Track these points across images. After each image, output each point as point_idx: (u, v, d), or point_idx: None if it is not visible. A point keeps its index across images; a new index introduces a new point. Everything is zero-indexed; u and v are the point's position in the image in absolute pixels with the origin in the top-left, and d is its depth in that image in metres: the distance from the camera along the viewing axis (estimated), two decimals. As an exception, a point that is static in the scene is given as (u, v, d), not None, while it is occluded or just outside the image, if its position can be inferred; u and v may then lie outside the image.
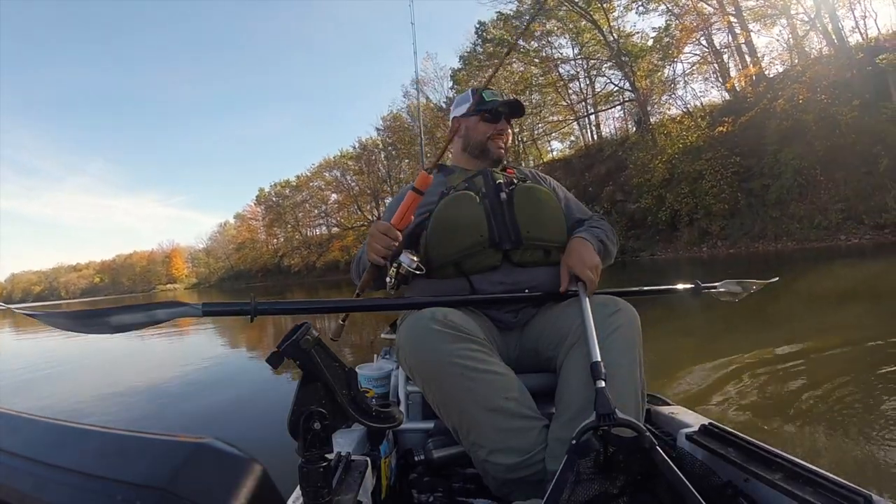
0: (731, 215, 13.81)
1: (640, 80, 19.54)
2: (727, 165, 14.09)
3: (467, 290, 1.08)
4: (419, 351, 0.89)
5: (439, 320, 0.89)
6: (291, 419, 0.61)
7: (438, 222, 1.12)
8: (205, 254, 71.66)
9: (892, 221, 10.02)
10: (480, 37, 24.98)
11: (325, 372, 0.64)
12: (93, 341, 6.06)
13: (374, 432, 0.91)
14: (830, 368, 2.35)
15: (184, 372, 4.00)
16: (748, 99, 15.69)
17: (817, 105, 12.62)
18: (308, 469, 0.59)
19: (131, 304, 0.85)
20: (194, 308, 0.86)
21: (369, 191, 40.20)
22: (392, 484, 0.95)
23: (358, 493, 0.70)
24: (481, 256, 1.09)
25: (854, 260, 7.87)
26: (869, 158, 11.15)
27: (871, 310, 3.90)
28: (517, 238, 1.09)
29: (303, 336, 0.63)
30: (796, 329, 3.30)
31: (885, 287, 5.10)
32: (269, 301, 0.94)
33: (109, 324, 0.81)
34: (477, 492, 0.90)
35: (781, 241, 12.02)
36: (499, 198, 1.13)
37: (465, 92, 1.32)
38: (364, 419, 0.67)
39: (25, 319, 4.70)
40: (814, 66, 14.20)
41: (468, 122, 1.27)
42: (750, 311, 3.78)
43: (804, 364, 2.49)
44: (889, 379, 2.09)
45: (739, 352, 2.76)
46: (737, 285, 1.30)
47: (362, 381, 1.20)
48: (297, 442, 0.61)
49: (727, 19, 17.18)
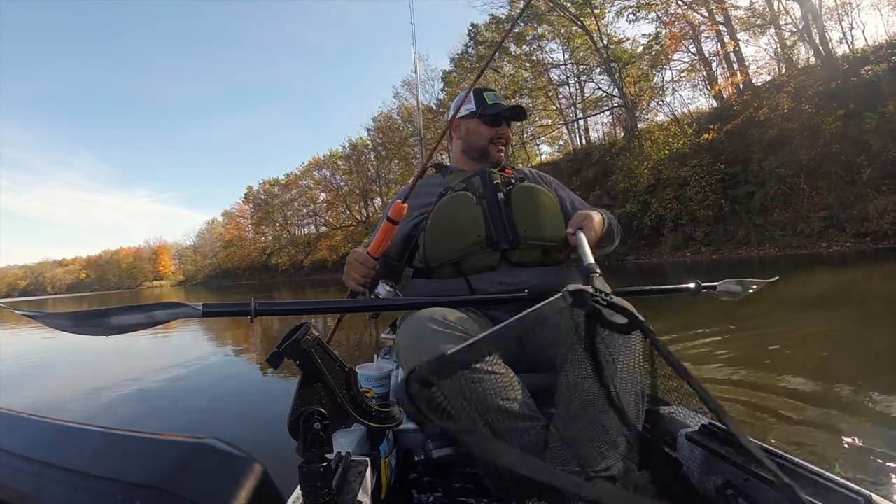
0: (715, 221, 14.06)
1: (629, 86, 19.78)
2: (712, 172, 14.34)
3: (466, 290, 1.08)
4: (419, 351, 0.89)
5: (438, 320, 0.89)
6: (291, 419, 0.61)
7: (436, 223, 1.12)
8: (192, 251, 71.22)
9: (873, 230, 10.26)
10: (473, 39, 25.08)
11: (325, 372, 0.64)
12: (84, 339, 5.94)
13: (374, 432, 0.91)
14: (809, 368, 2.41)
15: (182, 371, 3.93)
16: (734, 107, 15.97)
17: (802, 114, 12.93)
18: (308, 469, 0.59)
19: (131, 305, 0.84)
20: (194, 309, 0.86)
21: (358, 191, 40.09)
22: (392, 484, 0.94)
23: (358, 493, 0.69)
24: (479, 256, 1.09)
25: (835, 266, 8.05)
26: (852, 168, 11.43)
27: (854, 312, 4.00)
28: (515, 238, 1.09)
29: (303, 336, 0.63)
30: (776, 330, 3.37)
31: (863, 292, 5.24)
32: (269, 302, 0.94)
33: (109, 325, 0.81)
34: (477, 492, 0.89)
35: (764, 248, 12.25)
36: (496, 198, 1.14)
37: (467, 92, 1.31)
38: (364, 419, 0.67)
39: (9, 314, 4.60)
40: (799, 76, 14.53)
41: (469, 124, 1.27)
42: (726, 313, 3.86)
43: (783, 362, 2.55)
44: (868, 377, 2.16)
45: (722, 350, 2.82)
46: (736, 285, 1.31)
47: (362, 381, 1.20)
48: (297, 442, 0.60)
49: (716, 28, 17.48)
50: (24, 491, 0.36)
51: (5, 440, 0.40)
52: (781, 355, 2.74)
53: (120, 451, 0.43)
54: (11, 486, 0.36)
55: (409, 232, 1.20)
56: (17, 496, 0.36)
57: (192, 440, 0.50)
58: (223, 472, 0.47)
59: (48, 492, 0.36)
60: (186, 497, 0.41)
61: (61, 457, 0.39)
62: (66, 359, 5.35)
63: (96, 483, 0.38)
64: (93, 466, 0.39)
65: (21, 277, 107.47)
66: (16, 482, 0.37)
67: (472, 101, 1.27)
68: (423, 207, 1.18)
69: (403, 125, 32.85)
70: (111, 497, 0.37)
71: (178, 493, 0.40)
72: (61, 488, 0.37)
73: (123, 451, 0.43)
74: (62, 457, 0.39)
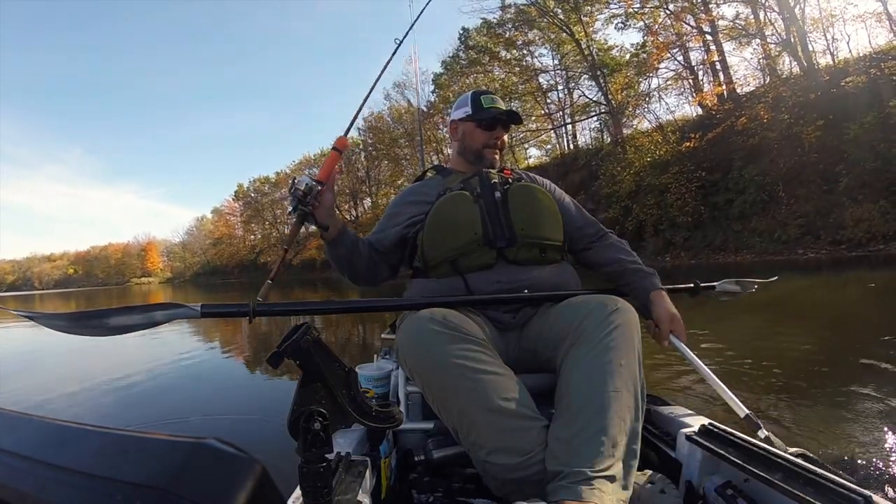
0: (694, 227, 14.37)
1: (615, 93, 20.07)
2: (692, 179, 14.64)
3: (463, 288, 1.08)
4: (418, 351, 0.88)
5: (438, 321, 0.88)
6: (291, 419, 0.60)
7: (434, 221, 1.14)
8: (181, 248, 70.53)
9: (849, 238, 10.56)
10: (463, 43, 25.17)
11: (325, 372, 0.64)
12: (73, 338, 5.78)
13: (374, 432, 0.91)
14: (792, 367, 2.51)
15: (182, 370, 3.87)
16: (717, 116, 16.32)
17: (782, 124, 13.25)
18: (308, 469, 0.58)
19: (129, 306, 0.84)
20: (192, 309, 0.87)
21: (348, 190, 39.86)
22: (392, 484, 0.94)
23: (358, 493, 0.69)
24: (476, 255, 1.10)
25: (811, 272, 8.32)
26: (830, 177, 11.74)
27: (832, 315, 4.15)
28: (511, 236, 1.11)
29: (303, 336, 0.62)
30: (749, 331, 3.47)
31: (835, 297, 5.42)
32: (268, 302, 0.94)
33: (108, 326, 0.81)
34: (477, 492, 0.89)
35: (742, 254, 12.53)
36: (493, 197, 1.15)
37: (465, 95, 1.32)
38: (364, 419, 0.67)
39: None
40: (778, 86, 14.90)
41: (465, 126, 1.28)
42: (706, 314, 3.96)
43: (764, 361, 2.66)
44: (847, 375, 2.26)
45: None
46: (735, 285, 1.33)
47: (362, 381, 1.19)
48: (297, 442, 0.60)
49: (702, 38, 17.85)
50: (24, 491, 0.35)
51: (5, 440, 0.39)
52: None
53: (120, 451, 0.43)
54: (11, 486, 0.36)
55: (404, 231, 1.20)
56: (17, 496, 0.35)
57: (193, 440, 0.49)
58: (223, 472, 0.47)
59: (48, 492, 0.36)
60: (186, 497, 0.40)
61: (61, 457, 0.38)
62: (63, 358, 5.20)
63: (96, 483, 0.38)
64: (93, 466, 0.39)
65: (9, 272, 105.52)
66: (16, 482, 0.36)
67: (469, 104, 1.27)
68: (422, 206, 1.18)
69: (394, 126, 32.79)
70: (111, 497, 0.37)
71: (178, 493, 0.40)
72: (61, 488, 0.36)
73: (123, 451, 0.43)
74: (62, 457, 0.38)
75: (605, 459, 0.72)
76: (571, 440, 0.75)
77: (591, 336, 0.86)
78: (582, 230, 1.25)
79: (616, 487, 0.71)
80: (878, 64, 12.66)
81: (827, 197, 11.60)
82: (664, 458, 0.90)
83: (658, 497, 0.78)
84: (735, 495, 0.69)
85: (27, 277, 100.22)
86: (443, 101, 25.22)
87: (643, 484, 0.80)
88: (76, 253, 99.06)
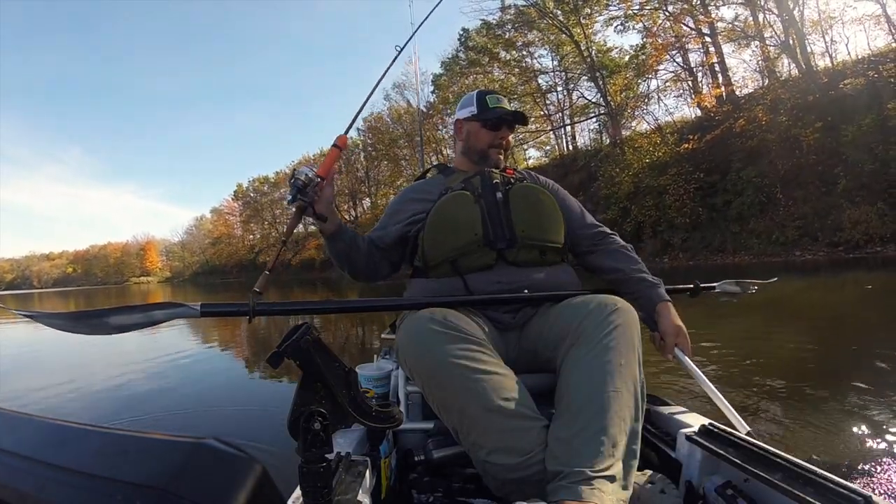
0: (692, 228, 14.40)
1: (614, 95, 20.09)
2: (691, 181, 14.68)
3: (462, 288, 1.08)
4: (418, 351, 0.88)
5: (438, 321, 0.88)
6: (291, 419, 0.60)
7: (434, 221, 1.13)
8: (180, 247, 70.59)
9: (846, 239, 10.60)
10: (463, 44, 25.17)
11: (325, 372, 0.64)
12: (71, 336, 5.76)
13: (374, 432, 0.91)
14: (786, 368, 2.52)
15: (182, 370, 3.85)
16: (716, 118, 16.35)
17: (780, 126, 13.29)
18: (308, 469, 0.58)
19: (129, 305, 0.85)
20: (192, 308, 0.87)
21: (347, 190, 39.85)
22: (392, 484, 0.94)
23: (358, 493, 0.69)
24: (476, 255, 1.09)
25: (809, 274, 8.34)
26: (828, 179, 11.79)
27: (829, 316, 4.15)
28: (512, 237, 1.10)
29: (303, 336, 0.62)
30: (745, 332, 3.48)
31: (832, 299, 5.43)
32: (268, 302, 0.94)
33: (108, 324, 0.82)
34: (477, 492, 0.89)
35: (740, 255, 12.59)
36: (495, 197, 1.14)
37: (470, 95, 1.31)
38: (364, 419, 0.67)
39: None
40: (776, 88, 14.94)
41: (470, 126, 1.28)
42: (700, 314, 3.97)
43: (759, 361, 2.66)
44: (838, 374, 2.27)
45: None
46: (735, 285, 1.33)
47: (362, 381, 1.19)
48: (297, 442, 0.60)
49: (701, 39, 17.88)
50: (24, 491, 0.35)
51: (5, 440, 0.39)
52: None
53: (120, 451, 0.43)
54: (11, 486, 0.35)
55: (406, 228, 1.20)
56: (17, 496, 0.35)
57: (193, 440, 0.49)
58: (223, 472, 0.47)
59: (48, 492, 0.36)
60: (186, 497, 0.40)
61: (61, 457, 0.38)
62: (63, 357, 5.18)
63: (96, 483, 0.38)
64: (93, 466, 0.39)
65: (7, 270, 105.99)
66: (16, 482, 0.36)
67: (474, 104, 1.27)
68: (423, 203, 1.18)
69: (393, 126, 32.78)
70: (111, 497, 0.37)
71: (178, 493, 0.40)
72: (61, 488, 0.36)
73: (123, 451, 0.43)
74: (62, 457, 0.38)
75: (605, 459, 0.72)
76: (571, 440, 0.75)
77: (591, 336, 0.86)
78: (585, 232, 1.24)
79: (616, 487, 0.71)
80: (877, 66, 12.73)
81: (825, 199, 11.64)
82: (664, 458, 0.90)
83: (658, 497, 0.78)
84: (735, 495, 0.69)
85: (26, 276, 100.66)
86: (442, 101, 25.24)
87: (643, 484, 0.80)
88: (75, 252, 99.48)
